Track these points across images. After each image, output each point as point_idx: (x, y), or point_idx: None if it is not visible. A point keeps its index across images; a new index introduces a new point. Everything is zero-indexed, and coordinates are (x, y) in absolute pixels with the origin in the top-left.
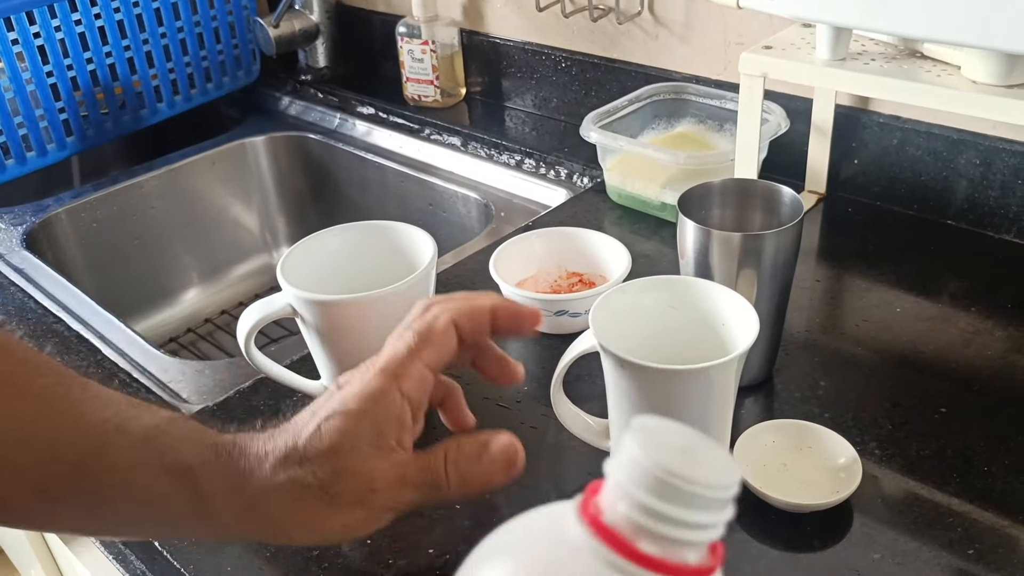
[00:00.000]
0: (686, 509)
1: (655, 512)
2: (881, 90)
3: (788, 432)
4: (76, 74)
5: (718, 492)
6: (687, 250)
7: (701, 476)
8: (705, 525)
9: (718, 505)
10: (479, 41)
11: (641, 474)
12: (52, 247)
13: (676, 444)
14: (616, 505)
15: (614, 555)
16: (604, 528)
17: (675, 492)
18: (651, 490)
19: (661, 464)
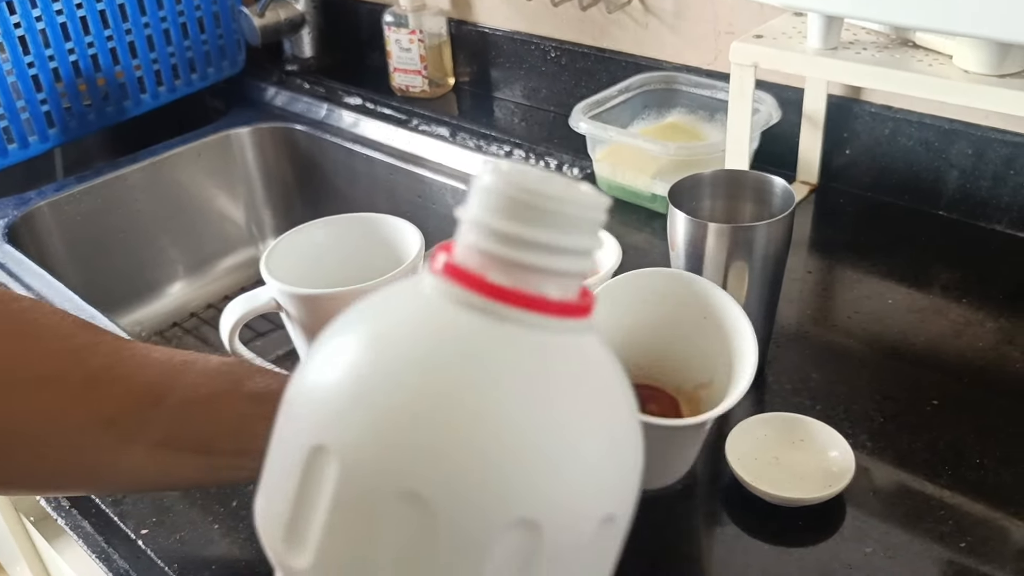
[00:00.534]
0: (533, 227)
1: (498, 232)
2: (872, 80)
3: (780, 425)
4: (58, 65)
5: (569, 207)
6: (677, 242)
7: (549, 189)
8: (558, 248)
9: (573, 225)
10: (467, 31)
11: (487, 198)
12: (35, 241)
13: (529, 171)
14: (465, 240)
15: (461, 290)
16: (451, 267)
17: (520, 208)
18: (496, 211)
19: (507, 180)
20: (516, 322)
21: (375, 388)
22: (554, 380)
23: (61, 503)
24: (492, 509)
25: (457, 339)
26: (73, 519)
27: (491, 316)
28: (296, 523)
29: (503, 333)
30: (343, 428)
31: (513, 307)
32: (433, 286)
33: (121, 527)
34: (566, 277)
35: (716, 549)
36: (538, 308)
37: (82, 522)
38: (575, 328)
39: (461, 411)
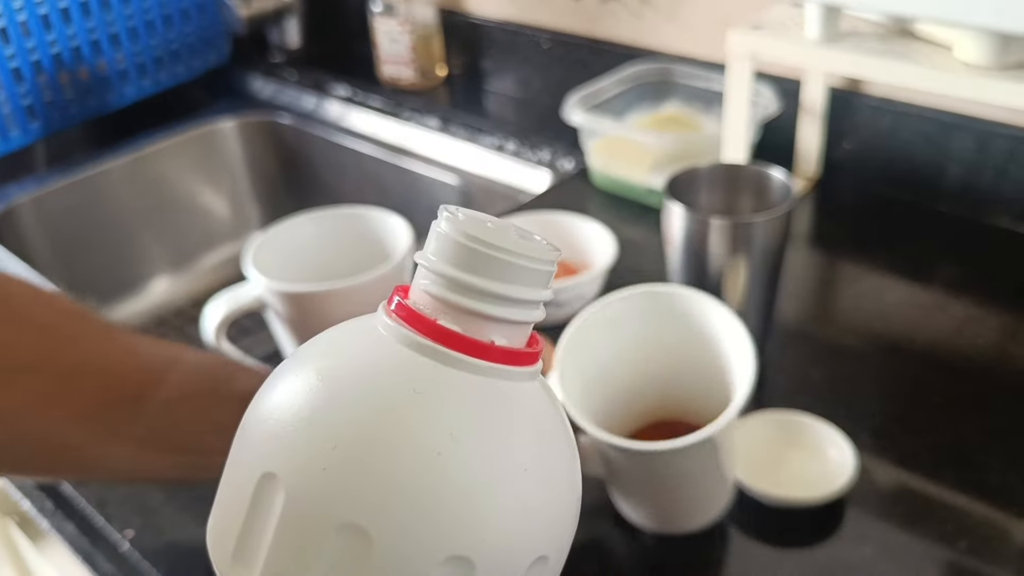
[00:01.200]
0: (484, 277)
1: (452, 280)
2: (871, 71)
3: (780, 424)
4: (39, 57)
5: (520, 260)
6: (674, 237)
7: (502, 242)
8: (509, 298)
9: (524, 277)
10: (458, 20)
11: (443, 244)
12: (16, 236)
13: (485, 222)
14: (420, 285)
15: (412, 333)
16: (405, 309)
17: (475, 257)
18: (450, 259)
19: (462, 230)
20: (463, 367)
21: (323, 422)
22: (494, 425)
23: (45, 505)
24: (427, 545)
25: (404, 380)
26: (57, 521)
27: (439, 359)
28: (244, 543)
29: (449, 377)
30: (290, 458)
31: (460, 353)
32: (386, 326)
33: (106, 530)
34: (514, 326)
35: (714, 552)
36: (485, 355)
37: (66, 524)
38: (521, 375)
39: (403, 450)
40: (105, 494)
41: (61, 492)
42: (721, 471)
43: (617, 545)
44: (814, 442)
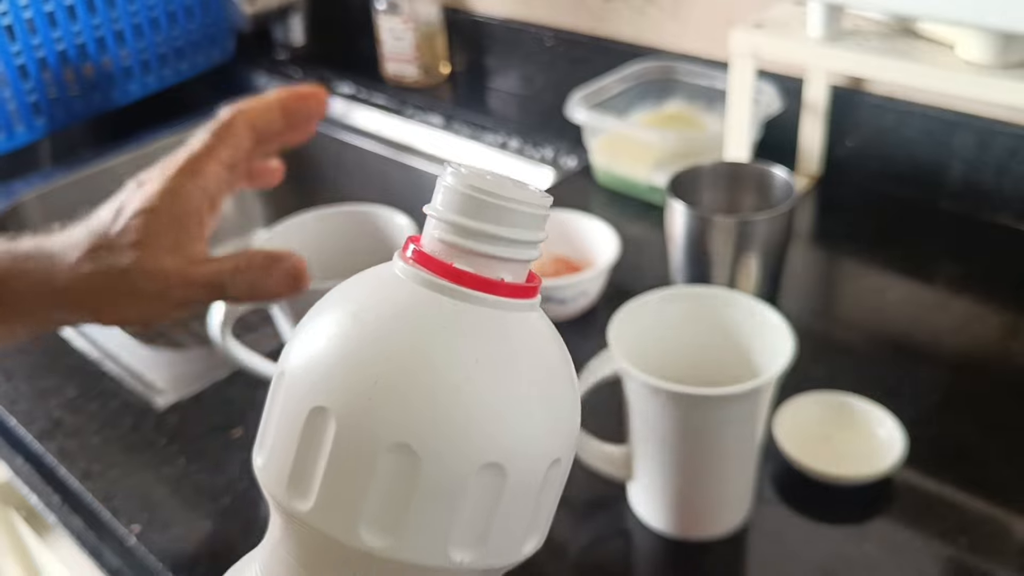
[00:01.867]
0: (491, 223)
1: (463, 228)
2: (873, 70)
3: (829, 404)
4: (45, 54)
5: (521, 206)
6: (676, 234)
7: (504, 191)
8: (514, 240)
9: (524, 221)
10: (461, 18)
11: (450, 197)
12: (22, 232)
13: (485, 174)
14: (432, 234)
15: (431, 276)
16: (421, 255)
17: (481, 206)
18: (459, 209)
19: (468, 183)
20: (479, 302)
21: (364, 358)
22: (510, 349)
23: (52, 499)
24: (465, 456)
25: (431, 315)
26: (64, 515)
27: (458, 297)
28: (298, 473)
29: (468, 311)
30: (338, 392)
31: (475, 290)
32: (405, 271)
33: (112, 524)
34: (518, 263)
35: (733, 552)
36: (496, 291)
37: (73, 518)
38: (525, 307)
39: (437, 377)
40: (112, 489)
41: (68, 486)
42: (753, 444)
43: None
44: (862, 422)
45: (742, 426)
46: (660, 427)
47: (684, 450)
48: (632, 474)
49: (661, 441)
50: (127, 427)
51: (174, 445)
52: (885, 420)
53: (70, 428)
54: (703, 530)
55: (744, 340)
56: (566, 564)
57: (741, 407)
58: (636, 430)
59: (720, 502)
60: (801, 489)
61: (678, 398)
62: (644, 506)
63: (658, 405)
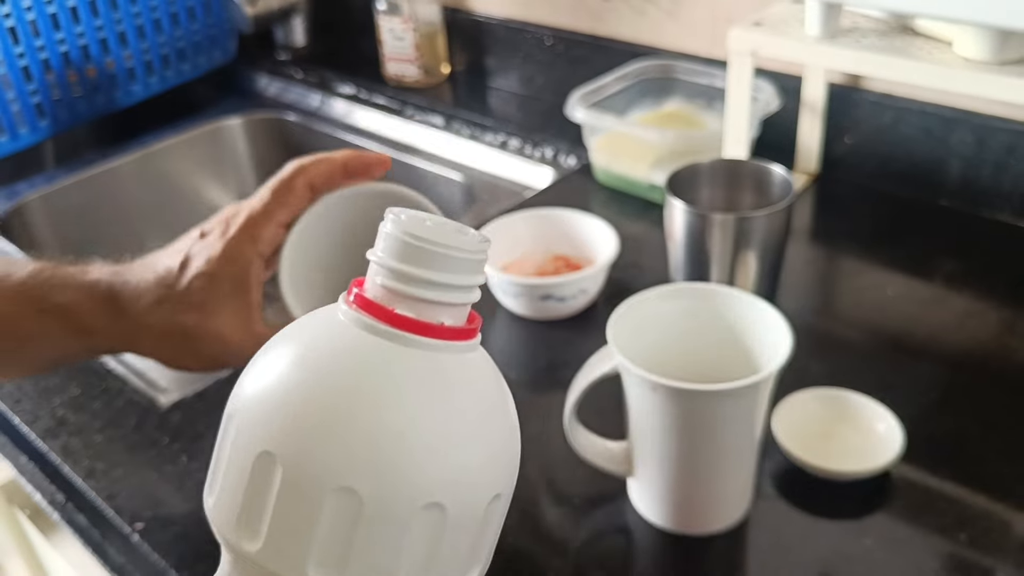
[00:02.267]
0: (430, 269)
1: (403, 274)
2: (871, 67)
3: (828, 399)
4: (48, 55)
5: (459, 252)
6: (675, 232)
7: (442, 238)
8: (452, 285)
9: (462, 267)
10: (462, 18)
11: (391, 243)
12: (26, 233)
13: (424, 221)
14: (375, 279)
15: (373, 321)
16: (363, 300)
17: (420, 253)
18: (399, 255)
19: (406, 231)
20: (420, 346)
21: (309, 405)
22: (450, 391)
23: (56, 498)
24: (407, 497)
25: (372, 360)
26: (68, 513)
27: (400, 342)
28: (247, 514)
29: (410, 356)
30: (284, 437)
31: (415, 334)
32: (348, 315)
33: (116, 521)
34: (457, 307)
35: (729, 546)
36: (435, 334)
37: (77, 516)
38: (465, 348)
39: (378, 421)
40: (115, 487)
41: (72, 484)
42: (752, 440)
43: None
44: (861, 417)
45: (741, 422)
46: (660, 423)
47: (684, 446)
48: (632, 470)
49: (661, 437)
50: (130, 425)
51: (177, 443)
52: (884, 416)
53: (74, 426)
54: (703, 526)
55: (743, 336)
56: (567, 560)
57: (740, 403)
58: (636, 426)
59: (719, 498)
60: (800, 485)
61: (677, 394)
62: (644, 502)
63: (657, 401)
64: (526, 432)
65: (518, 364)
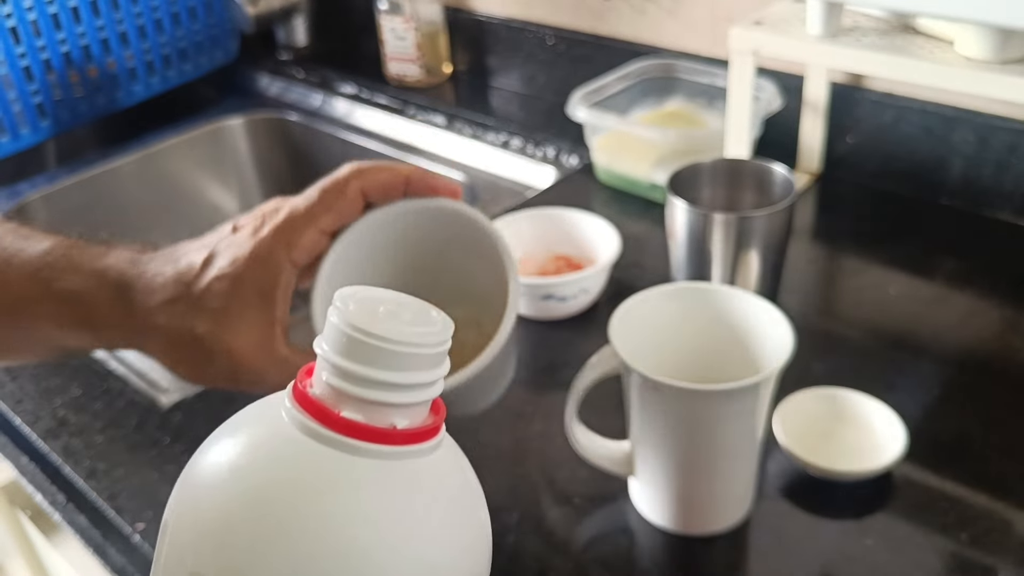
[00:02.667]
0: (379, 368)
1: (349, 373)
2: (873, 67)
3: (829, 399)
4: (49, 55)
5: (413, 348)
6: (677, 231)
7: (391, 333)
8: (406, 385)
9: (417, 363)
10: (463, 18)
11: (336, 337)
12: None
13: (377, 307)
14: (320, 376)
15: (316, 425)
16: (307, 399)
17: (367, 350)
18: (344, 352)
19: (351, 323)
20: (369, 454)
21: (241, 522)
22: (405, 504)
23: (57, 498)
24: None
25: (312, 473)
26: (69, 514)
27: (345, 450)
28: None
29: (357, 466)
30: (214, 558)
31: (362, 441)
32: (291, 415)
33: (117, 522)
34: (414, 406)
35: (731, 547)
36: (387, 440)
37: (78, 517)
38: (423, 451)
39: (318, 542)
40: (116, 487)
41: (73, 485)
42: (754, 440)
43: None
44: (863, 417)
45: (743, 422)
46: (661, 423)
47: (685, 446)
48: (633, 470)
49: (662, 437)
50: (132, 426)
51: (178, 444)
52: (885, 415)
53: (75, 427)
54: (704, 526)
55: (744, 336)
56: (568, 560)
57: (742, 402)
58: (637, 426)
59: (721, 498)
60: (802, 484)
61: (679, 394)
62: (645, 502)
63: (659, 401)
64: (530, 429)
65: (519, 364)
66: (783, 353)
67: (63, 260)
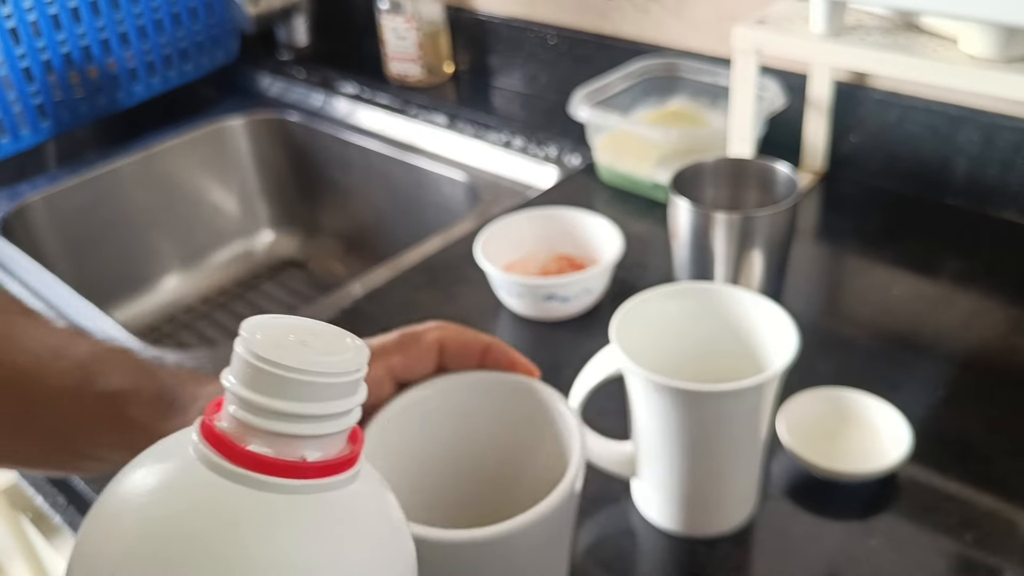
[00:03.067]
0: (287, 399)
1: (253, 405)
2: (876, 65)
3: (833, 399)
4: (50, 56)
5: (324, 378)
6: (680, 231)
7: (297, 362)
8: (316, 416)
9: (328, 393)
10: (465, 17)
11: (240, 367)
12: (28, 234)
13: (286, 336)
14: (228, 408)
15: (219, 459)
16: (213, 433)
17: (271, 381)
18: (250, 383)
19: (255, 353)
20: (278, 489)
21: (145, 561)
22: (316, 541)
23: (58, 501)
24: None
25: (216, 511)
26: (70, 516)
27: (252, 485)
28: None
29: (264, 502)
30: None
31: (270, 476)
32: (197, 450)
33: None
34: (325, 438)
35: (736, 546)
36: (297, 474)
37: (79, 519)
38: (337, 483)
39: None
40: None
41: (74, 488)
42: (757, 440)
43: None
44: (867, 417)
45: (746, 422)
46: (664, 424)
47: (688, 447)
48: (636, 471)
49: (665, 438)
50: None
51: None
52: (890, 415)
53: None
54: (708, 527)
55: (748, 336)
56: (570, 561)
57: (745, 403)
58: (640, 427)
59: (725, 499)
60: (806, 485)
61: (682, 394)
62: (648, 503)
63: (662, 402)
64: None
65: None
66: (787, 353)
67: (112, 359)
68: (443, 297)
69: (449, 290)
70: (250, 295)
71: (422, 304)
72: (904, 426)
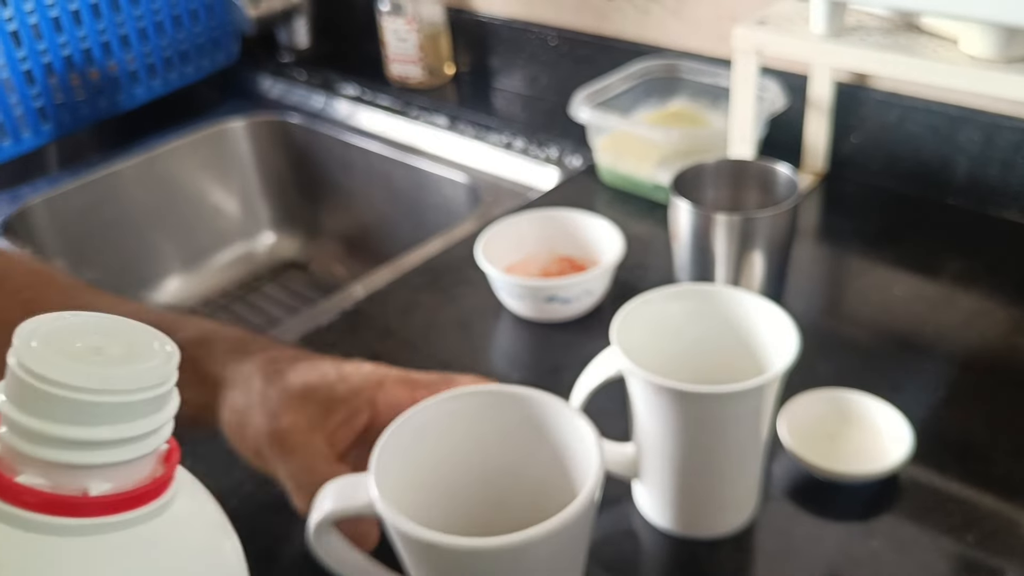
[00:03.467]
0: (59, 422)
1: (24, 429)
2: (877, 66)
3: (834, 401)
4: (51, 59)
5: (106, 397)
6: (680, 232)
7: (77, 377)
8: (101, 442)
9: (116, 414)
10: (465, 18)
11: (11, 383)
12: (30, 237)
13: (73, 343)
14: (1, 431)
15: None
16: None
17: (44, 400)
18: (19, 402)
19: (25, 366)
20: (50, 530)
21: None
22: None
23: None
24: None
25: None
26: None
27: (22, 526)
28: None
29: (37, 548)
30: None
31: (46, 515)
32: None
33: None
34: (116, 467)
35: (735, 547)
36: (77, 512)
37: None
38: (134, 520)
39: None
40: None
41: None
42: (758, 442)
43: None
44: (868, 418)
45: (747, 423)
46: (665, 425)
47: (689, 448)
48: (637, 473)
49: (666, 439)
50: None
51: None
52: (891, 416)
53: None
54: (709, 528)
55: (749, 337)
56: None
57: (746, 404)
58: (641, 428)
59: (726, 500)
60: (807, 487)
61: (683, 396)
62: (650, 505)
63: (663, 403)
64: None
65: (522, 367)
66: (788, 354)
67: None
68: (444, 299)
69: (450, 292)
70: (251, 297)
71: (423, 306)
72: (905, 427)
